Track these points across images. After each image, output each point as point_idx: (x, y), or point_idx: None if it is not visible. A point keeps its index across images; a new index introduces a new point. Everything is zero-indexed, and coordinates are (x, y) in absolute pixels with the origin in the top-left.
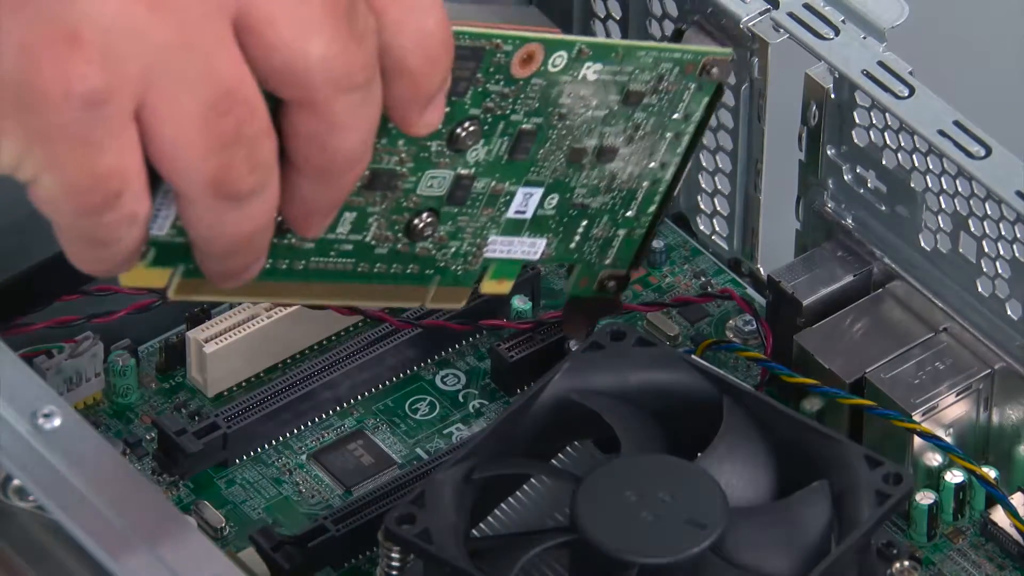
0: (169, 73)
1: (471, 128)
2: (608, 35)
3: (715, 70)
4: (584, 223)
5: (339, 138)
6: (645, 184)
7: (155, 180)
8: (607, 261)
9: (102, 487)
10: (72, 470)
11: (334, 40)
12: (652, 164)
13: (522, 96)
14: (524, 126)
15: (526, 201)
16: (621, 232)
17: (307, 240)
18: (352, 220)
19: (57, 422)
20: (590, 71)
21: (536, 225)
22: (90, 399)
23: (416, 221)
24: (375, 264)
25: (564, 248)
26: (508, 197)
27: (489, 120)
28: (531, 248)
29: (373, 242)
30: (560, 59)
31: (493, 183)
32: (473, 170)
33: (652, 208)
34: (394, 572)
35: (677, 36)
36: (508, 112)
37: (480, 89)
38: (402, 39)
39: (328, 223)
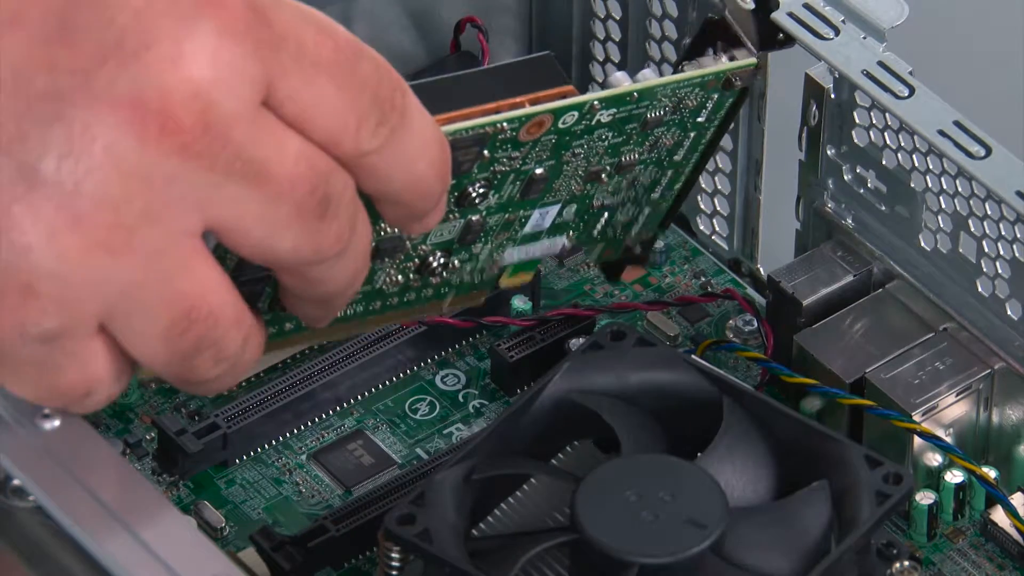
0: (128, 305)
1: (480, 190)
2: (607, 34)
3: (738, 80)
4: (606, 215)
5: (323, 287)
6: (669, 172)
7: None
8: (633, 234)
9: (102, 487)
10: (72, 470)
11: (302, 233)
12: (676, 158)
13: (533, 152)
14: (536, 171)
15: (542, 218)
16: (647, 210)
17: None
18: None
19: (57, 422)
20: (604, 115)
21: (555, 230)
22: None
23: (429, 260)
24: (387, 300)
25: (587, 236)
26: (523, 220)
27: (498, 177)
28: (551, 247)
29: (383, 287)
30: (571, 118)
31: (506, 216)
32: (484, 213)
33: (678, 185)
34: (394, 572)
35: (708, 26)
36: (519, 166)
37: (486, 161)
38: (394, 185)
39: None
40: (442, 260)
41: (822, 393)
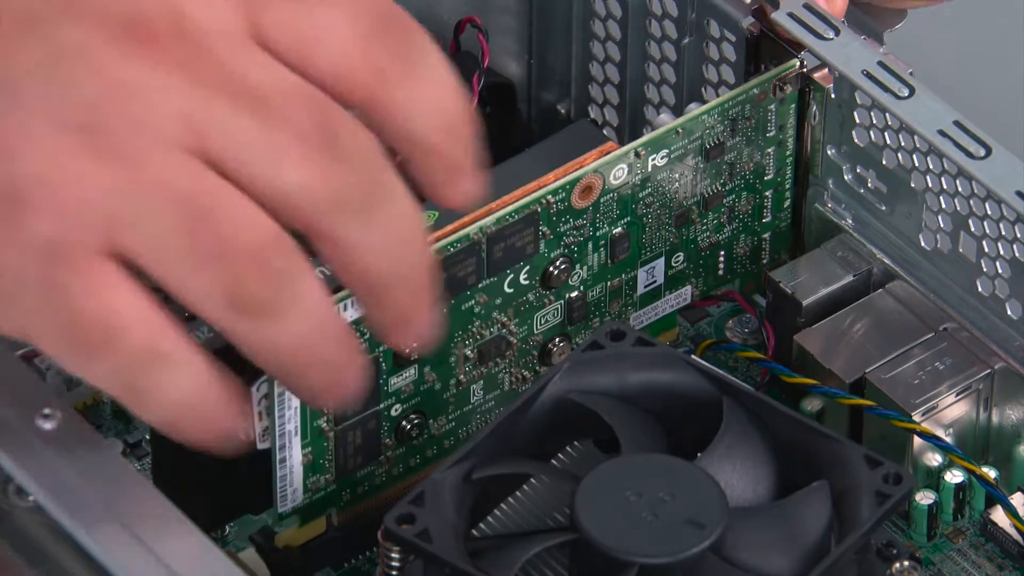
0: (126, 209)
1: (562, 265)
2: (608, 34)
3: (788, 86)
4: (723, 252)
5: (361, 261)
6: (769, 192)
7: None
8: (764, 262)
9: (102, 487)
10: (72, 470)
11: (307, 165)
12: (767, 177)
13: (598, 215)
14: (614, 231)
15: (651, 275)
16: (767, 235)
17: (445, 420)
18: (482, 387)
19: (57, 422)
20: (657, 159)
21: (673, 282)
22: (90, 399)
23: (549, 347)
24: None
25: (712, 279)
26: (631, 282)
27: (575, 249)
28: (677, 300)
29: (514, 388)
30: (621, 171)
31: (609, 283)
32: (581, 288)
33: (788, 203)
34: (394, 572)
35: (749, 44)
36: (592, 233)
37: (552, 238)
38: (422, 122)
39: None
40: (562, 344)
41: (822, 393)
